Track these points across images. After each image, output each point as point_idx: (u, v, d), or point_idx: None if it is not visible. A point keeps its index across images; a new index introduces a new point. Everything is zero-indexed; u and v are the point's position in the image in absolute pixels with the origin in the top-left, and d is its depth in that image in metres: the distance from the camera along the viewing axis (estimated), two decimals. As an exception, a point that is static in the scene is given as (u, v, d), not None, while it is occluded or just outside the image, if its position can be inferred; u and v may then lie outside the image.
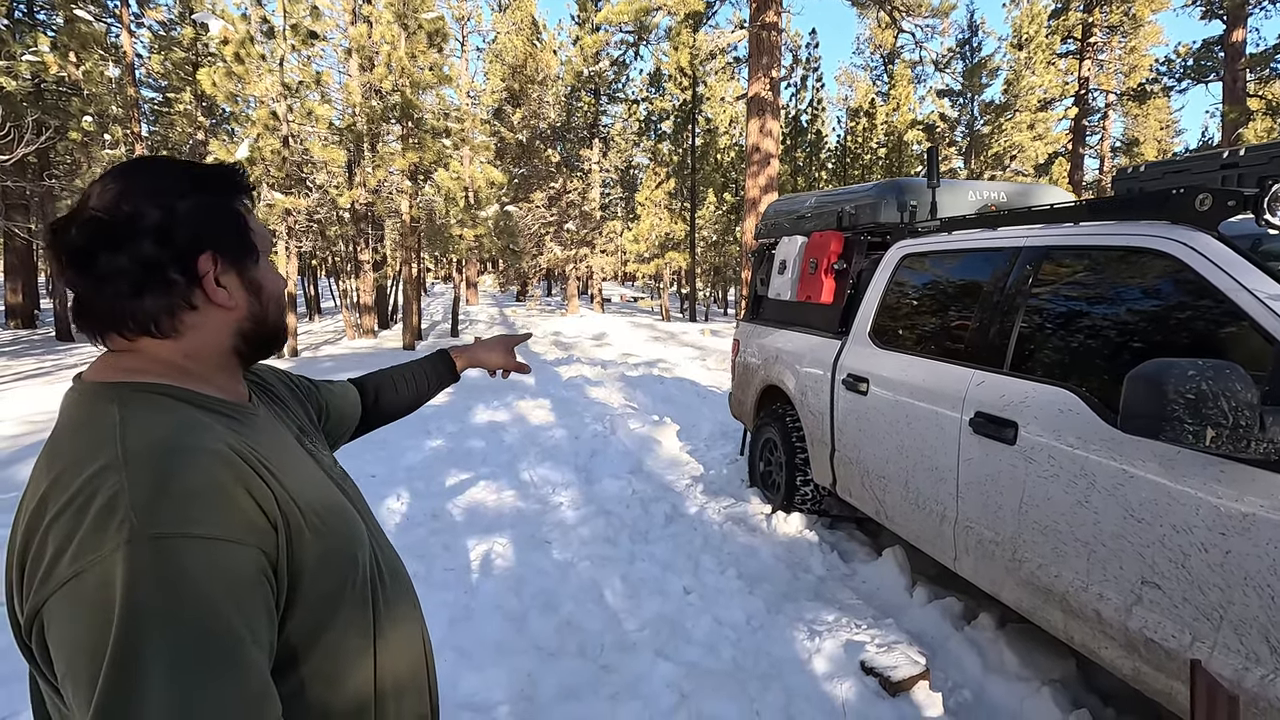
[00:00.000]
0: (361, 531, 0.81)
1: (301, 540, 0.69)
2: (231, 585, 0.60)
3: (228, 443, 0.67)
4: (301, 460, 0.80)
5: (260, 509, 0.65)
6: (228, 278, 0.75)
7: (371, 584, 0.79)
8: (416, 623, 0.88)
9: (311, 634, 0.70)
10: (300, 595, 0.68)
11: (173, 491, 0.60)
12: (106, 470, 0.60)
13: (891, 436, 2.88)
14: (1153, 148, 30.14)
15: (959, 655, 2.57)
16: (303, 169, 13.06)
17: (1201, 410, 1.44)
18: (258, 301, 0.78)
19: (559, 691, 2.31)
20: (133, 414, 0.66)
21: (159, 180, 0.72)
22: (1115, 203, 2.21)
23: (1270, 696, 1.46)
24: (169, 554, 0.57)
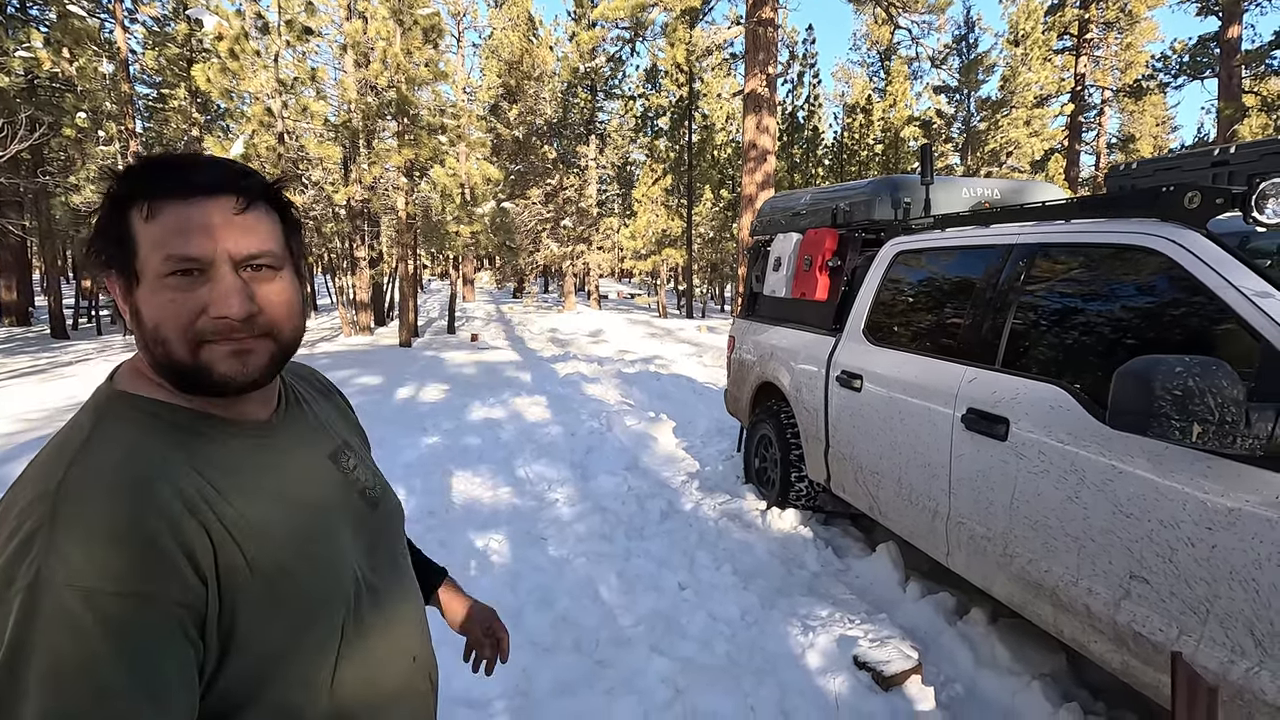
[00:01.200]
0: (340, 576, 0.75)
1: (244, 592, 0.64)
2: (127, 642, 0.56)
3: (179, 483, 0.63)
4: (301, 490, 0.75)
5: (191, 563, 0.60)
6: (137, 295, 0.67)
7: (341, 631, 0.73)
8: (399, 650, 0.82)
9: (249, 687, 0.66)
10: (237, 648, 0.64)
11: (92, 538, 0.57)
12: (41, 499, 0.58)
13: (885, 433, 2.89)
14: (1149, 144, 30.19)
15: (951, 650, 2.59)
16: (298, 165, 13.03)
17: (1188, 406, 1.45)
18: (138, 329, 0.67)
19: (554, 687, 2.33)
20: (101, 433, 0.64)
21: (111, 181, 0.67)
22: (1106, 200, 2.23)
23: (1255, 689, 1.48)
24: (61, 603, 0.54)
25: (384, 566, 0.83)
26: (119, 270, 0.66)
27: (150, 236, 0.65)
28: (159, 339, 0.66)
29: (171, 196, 0.65)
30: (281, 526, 0.69)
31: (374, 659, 0.77)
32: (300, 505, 0.73)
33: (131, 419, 0.67)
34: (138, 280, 0.66)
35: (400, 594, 0.85)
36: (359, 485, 0.84)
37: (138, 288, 0.66)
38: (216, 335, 0.67)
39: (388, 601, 0.81)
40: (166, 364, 0.67)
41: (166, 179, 0.66)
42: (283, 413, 0.80)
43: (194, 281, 0.65)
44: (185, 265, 0.65)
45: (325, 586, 0.72)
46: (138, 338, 0.68)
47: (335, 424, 0.90)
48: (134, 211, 0.65)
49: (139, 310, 0.66)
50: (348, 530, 0.78)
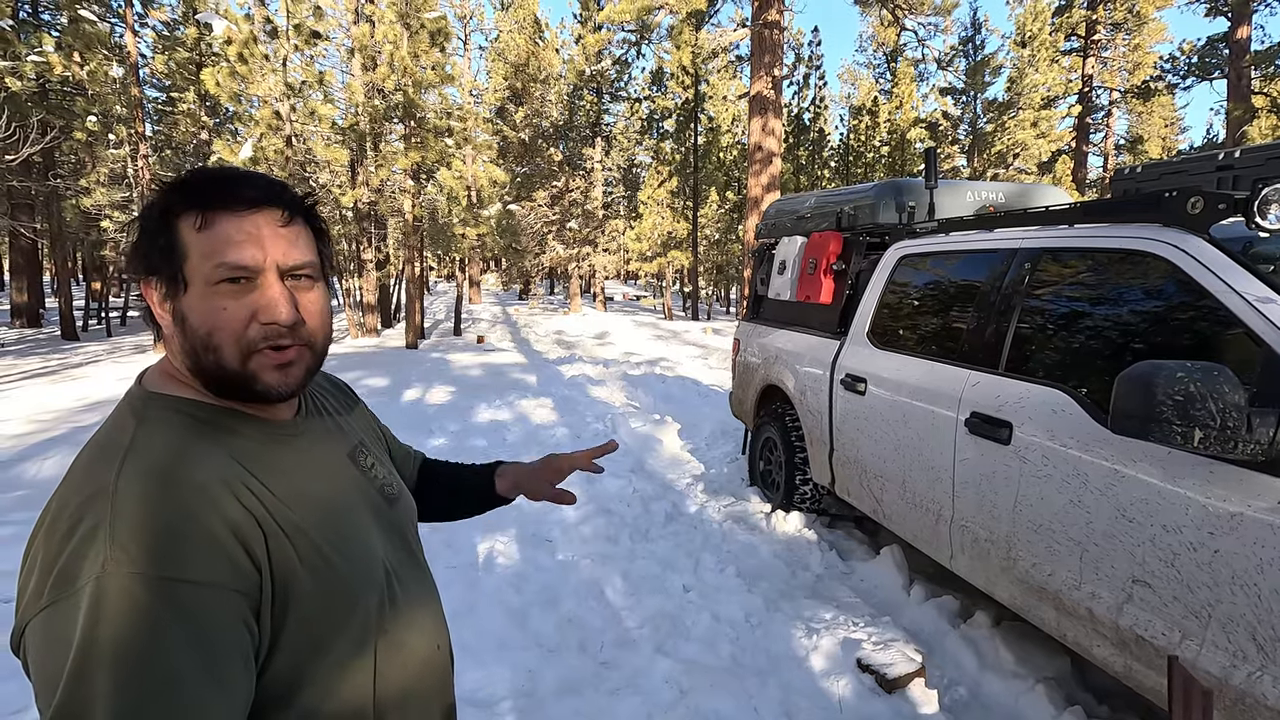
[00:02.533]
0: (373, 571, 0.78)
1: (292, 583, 0.68)
2: (199, 631, 0.59)
3: (225, 476, 0.67)
4: (328, 482, 0.79)
5: (246, 552, 0.64)
6: (170, 303, 0.70)
7: (376, 617, 0.77)
8: (427, 641, 0.86)
9: (299, 668, 0.69)
10: (287, 636, 0.67)
11: (153, 530, 0.60)
12: (97, 497, 0.61)
13: (889, 436, 2.90)
14: (1157, 145, 30.03)
15: (955, 653, 2.60)
16: (305, 168, 13.12)
17: (1190, 411, 1.46)
18: (183, 335, 0.70)
19: (559, 687, 2.34)
20: (144, 434, 0.67)
21: (161, 192, 0.72)
22: (1109, 205, 2.24)
23: (1257, 693, 1.49)
24: (136, 593, 0.57)
25: (406, 560, 0.87)
26: (163, 276, 0.70)
27: (203, 245, 0.68)
28: (211, 346, 0.69)
29: (225, 208, 0.69)
30: (320, 519, 0.73)
31: (407, 648, 0.81)
32: (332, 501, 0.77)
33: (171, 419, 0.70)
34: (185, 287, 0.69)
35: (421, 586, 0.89)
36: (377, 483, 0.87)
37: (184, 294, 0.69)
38: (265, 342, 0.71)
39: (414, 593, 0.86)
40: (215, 370, 0.70)
41: (219, 191, 0.70)
42: (304, 414, 0.83)
43: (243, 290, 0.69)
44: (237, 273, 0.68)
45: (362, 578, 0.76)
46: (180, 343, 0.71)
47: (351, 423, 0.93)
48: (184, 221, 0.69)
49: (186, 316, 0.69)
50: (374, 526, 0.82)
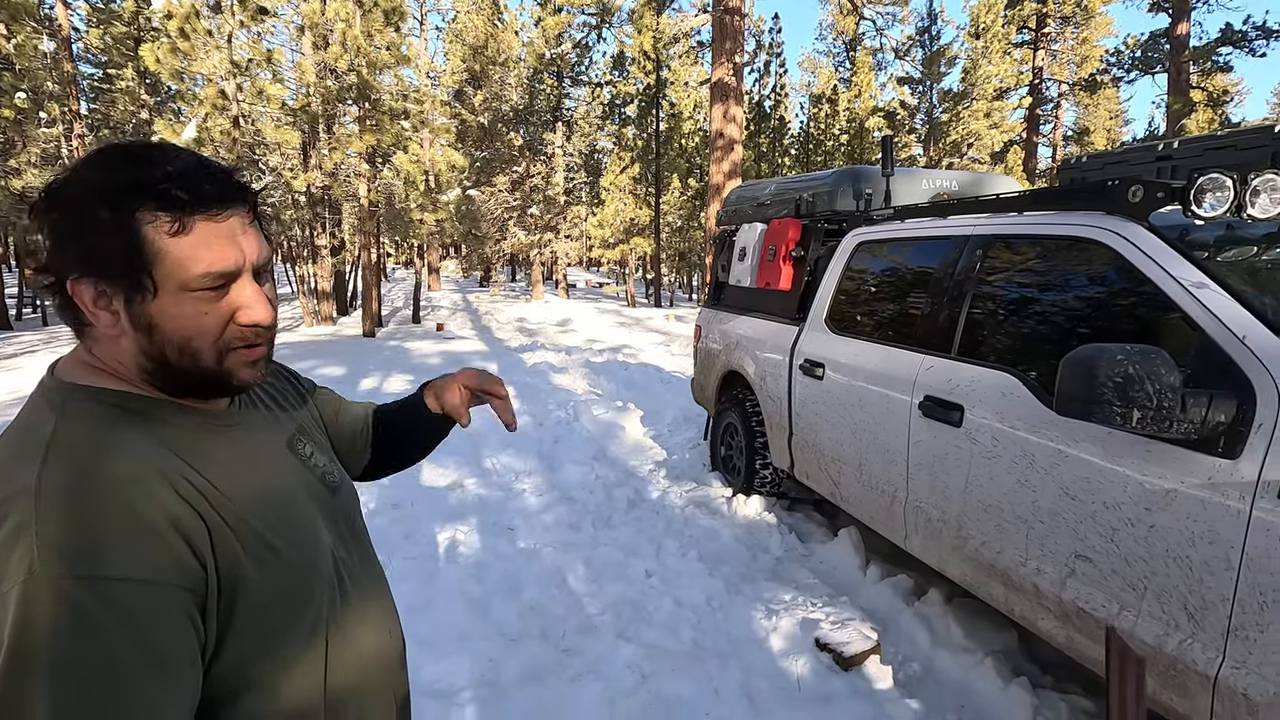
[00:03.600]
0: (321, 560, 0.77)
1: (239, 576, 0.65)
2: (141, 630, 0.57)
3: (161, 469, 0.64)
4: (268, 473, 0.77)
5: (189, 546, 0.61)
6: (118, 303, 0.65)
7: (327, 610, 0.76)
8: (380, 634, 0.85)
9: (248, 666, 0.67)
10: (236, 630, 0.66)
11: (86, 527, 0.57)
12: (19, 496, 0.58)
13: (846, 420, 2.95)
14: (1102, 136, 31.05)
15: (909, 630, 2.67)
16: (255, 150, 12.65)
17: (1128, 393, 1.52)
18: (147, 341, 0.66)
19: (522, 675, 2.34)
20: (66, 428, 0.63)
21: (85, 175, 0.64)
22: (1056, 193, 2.30)
23: (1188, 659, 1.57)
24: (68, 596, 0.54)
25: (353, 548, 0.85)
26: (118, 280, 0.64)
27: (180, 251, 0.64)
28: (189, 350, 0.67)
29: (201, 211, 0.65)
30: (262, 509, 0.70)
31: (358, 638, 0.80)
32: (273, 490, 0.75)
33: (96, 410, 0.66)
34: (152, 292, 0.64)
35: (370, 574, 0.88)
36: (318, 471, 0.85)
37: (151, 299, 0.64)
38: (241, 341, 0.70)
39: (363, 582, 0.84)
40: (189, 371, 0.68)
41: (192, 193, 0.64)
42: (239, 404, 0.80)
43: (220, 293, 0.67)
44: (221, 280, 0.66)
45: (311, 567, 0.74)
46: (140, 346, 0.66)
47: (289, 411, 0.90)
48: (150, 224, 0.63)
49: (155, 322, 0.65)
50: (318, 514, 0.80)
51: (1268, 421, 1.46)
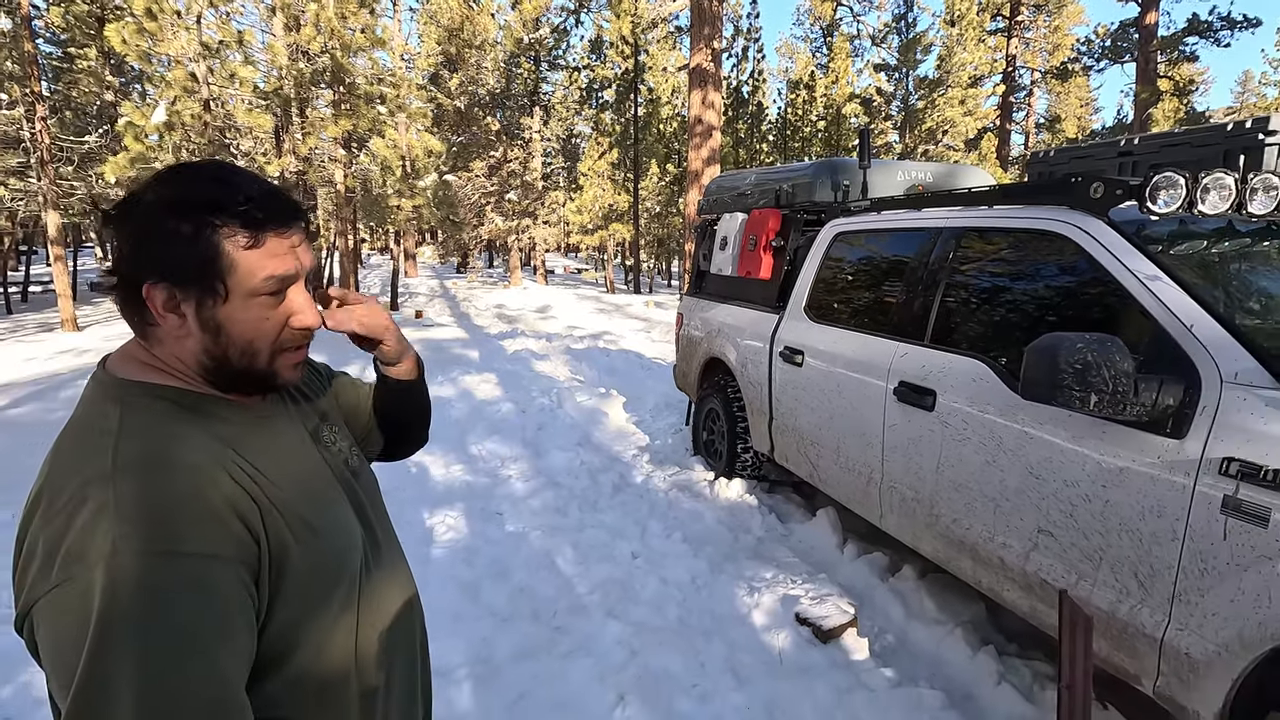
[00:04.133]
0: (352, 537, 0.84)
1: (285, 551, 0.72)
2: (208, 600, 0.63)
3: (217, 458, 0.71)
4: (302, 461, 0.83)
5: (244, 525, 0.68)
6: (187, 307, 0.72)
7: (359, 584, 0.83)
8: (406, 606, 0.93)
9: (293, 633, 0.74)
10: (281, 600, 0.72)
11: (158, 508, 0.64)
12: (96, 481, 0.64)
13: (824, 405, 3.06)
14: (1073, 124, 31.57)
15: (884, 604, 2.81)
16: (226, 135, 12.40)
17: (1087, 378, 1.63)
18: (213, 342, 0.74)
19: (515, 653, 2.42)
20: (130, 421, 0.69)
21: (171, 190, 0.72)
22: (1024, 188, 2.41)
23: (1137, 623, 1.70)
24: (149, 570, 0.61)
25: (376, 526, 0.92)
26: (193, 286, 0.71)
27: (251, 261, 0.72)
28: (250, 351, 0.75)
29: (273, 227, 0.74)
30: (300, 495, 0.78)
31: (383, 606, 0.88)
32: (306, 477, 0.82)
33: (154, 405, 0.72)
34: (224, 297, 0.72)
35: (391, 549, 0.95)
36: (340, 457, 0.92)
37: (223, 304, 0.72)
38: (292, 344, 0.79)
39: (385, 556, 0.92)
40: (244, 370, 0.76)
41: (268, 211, 0.73)
42: (269, 399, 0.86)
43: (278, 299, 0.76)
44: (283, 285, 0.75)
45: (343, 546, 0.82)
46: (204, 346, 0.74)
47: (311, 401, 0.95)
48: (229, 237, 0.71)
49: (223, 325, 0.73)
50: (344, 498, 0.87)
51: (1210, 404, 1.58)
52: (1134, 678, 1.75)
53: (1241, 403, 1.54)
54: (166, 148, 10.80)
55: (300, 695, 0.76)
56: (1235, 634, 1.48)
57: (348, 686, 0.81)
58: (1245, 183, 1.83)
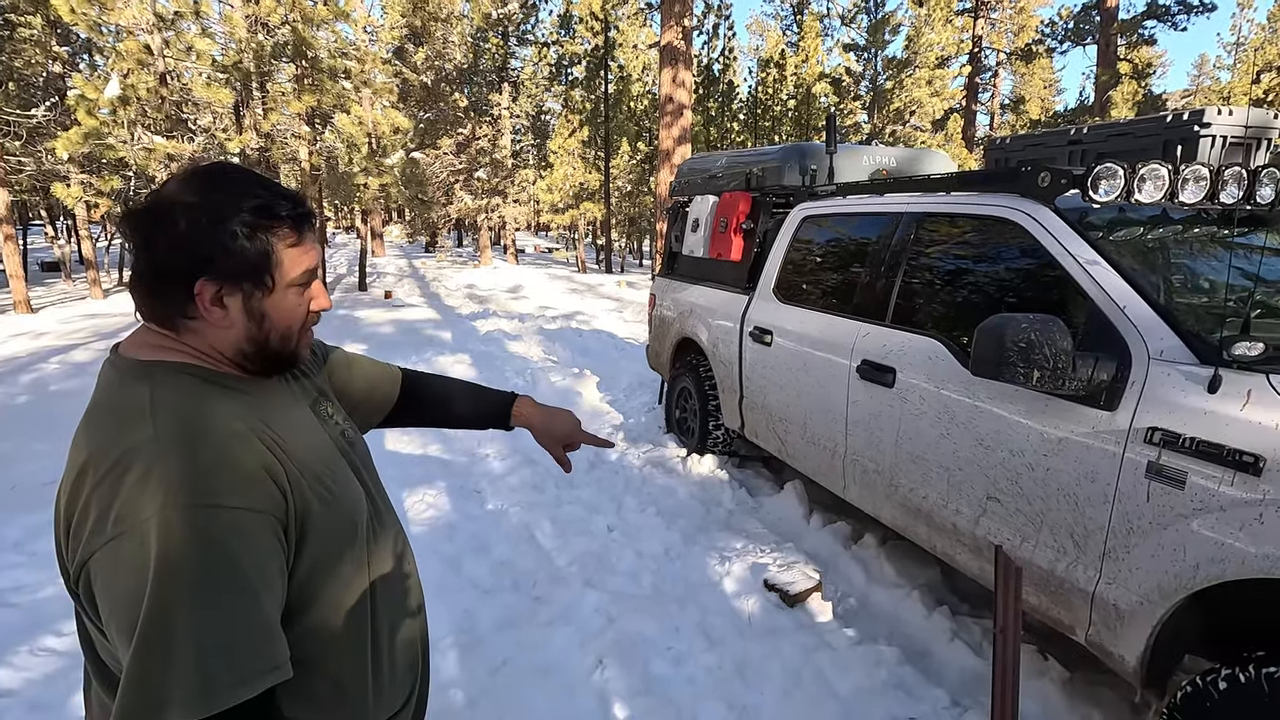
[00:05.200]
0: (360, 498, 0.93)
1: (308, 506, 0.81)
2: (248, 545, 0.72)
3: (245, 422, 0.78)
4: (310, 431, 0.90)
5: (273, 481, 0.76)
6: (232, 300, 0.80)
7: (370, 537, 0.92)
8: (407, 564, 1.03)
9: (315, 582, 0.82)
10: (306, 552, 0.80)
11: (199, 467, 0.71)
12: (141, 446, 0.71)
13: (792, 383, 3.19)
14: (1037, 105, 32.08)
15: (847, 570, 2.97)
16: (183, 109, 12.02)
17: (1030, 356, 1.77)
18: (258, 328, 0.83)
19: (497, 623, 2.53)
20: (161, 394, 0.76)
21: (206, 193, 0.78)
22: (979, 175, 2.54)
23: (1072, 578, 1.86)
24: (196, 520, 0.69)
25: (375, 495, 1.01)
26: (247, 280, 0.80)
27: (293, 257, 0.84)
28: (287, 335, 0.86)
29: (307, 228, 0.86)
30: (316, 459, 0.86)
31: (388, 565, 0.97)
32: (318, 444, 0.90)
33: (183, 381, 0.79)
34: (269, 289, 0.82)
35: (390, 514, 1.04)
36: (338, 429, 1.00)
37: (269, 295, 0.82)
38: (308, 326, 0.90)
39: (386, 520, 1.01)
40: (277, 351, 0.86)
41: (305, 216, 0.85)
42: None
43: (305, 288, 0.87)
44: (310, 277, 0.87)
45: (354, 506, 0.90)
46: (246, 333, 0.82)
47: (309, 378, 1.02)
48: (279, 237, 0.82)
49: (268, 313, 0.83)
50: (346, 464, 0.95)
51: (1139, 379, 1.73)
52: (1069, 628, 1.92)
53: (1165, 378, 1.69)
54: (121, 122, 10.45)
55: (322, 639, 0.85)
56: (1155, 585, 1.64)
57: (363, 633, 0.90)
58: (1178, 173, 1.97)
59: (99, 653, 0.80)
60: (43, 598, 2.68)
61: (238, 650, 0.69)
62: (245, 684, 0.69)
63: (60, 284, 16.39)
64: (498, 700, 2.15)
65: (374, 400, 1.21)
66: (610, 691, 2.19)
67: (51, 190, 11.65)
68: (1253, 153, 2.52)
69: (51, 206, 20.54)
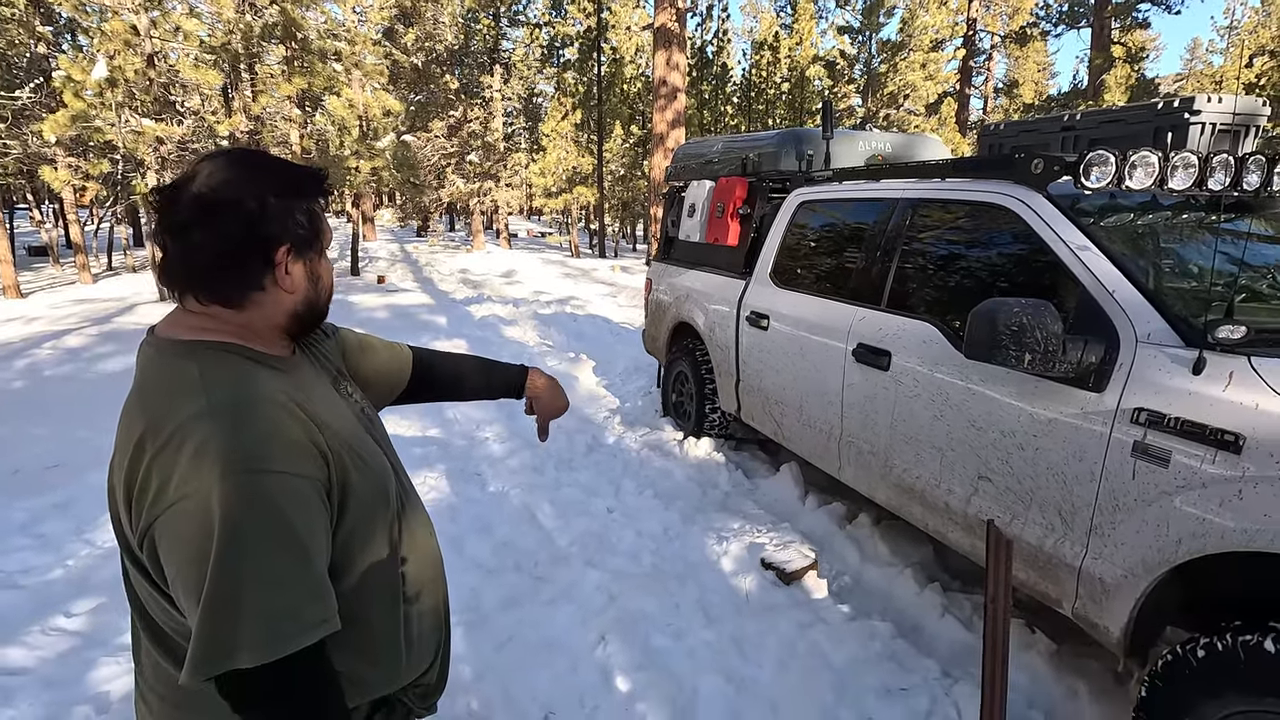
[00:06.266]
0: (387, 468, 0.98)
1: (347, 474, 0.86)
2: (300, 508, 0.78)
3: (287, 393, 0.84)
4: (336, 404, 0.96)
5: (316, 448, 0.82)
6: (295, 266, 0.88)
7: (399, 507, 0.98)
8: (429, 535, 1.09)
9: (354, 545, 0.88)
10: (347, 516, 0.86)
11: (252, 436, 0.77)
12: (196, 418, 0.76)
13: (788, 367, 3.25)
14: (1030, 89, 32.03)
15: (841, 549, 3.04)
16: (171, 91, 11.87)
17: (1022, 339, 1.81)
18: (314, 289, 0.92)
19: (501, 601, 2.59)
20: (208, 370, 0.81)
21: (260, 175, 0.85)
22: (973, 162, 2.58)
23: (1059, 554, 1.93)
24: (253, 485, 0.74)
25: (398, 469, 1.06)
26: (308, 247, 0.90)
27: (325, 224, 0.94)
28: (330, 292, 0.97)
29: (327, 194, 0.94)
30: (348, 430, 0.92)
31: (416, 534, 1.03)
32: (342, 418, 0.94)
33: (226, 358, 0.84)
34: (321, 253, 0.93)
35: (414, 493, 1.10)
36: (358, 406, 1.04)
37: (320, 259, 0.93)
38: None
39: (412, 497, 1.07)
40: (323, 309, 0.96)
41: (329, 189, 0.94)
42: (297, 352, 0.98)
43: None
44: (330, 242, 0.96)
45: (382, 477, 0.96)
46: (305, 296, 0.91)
47: (329, 356, 1.08)
48: (321, 209, 0.92)
49: (320, 275, 0.93)
50: (371, 439, 0.99)
51: (1126, 361, 1.79)
52: (1056, 602, 1.99)
53: (1152, 360, 1.75)
54: (109, 104, 10.32)
55: (361, 597, 0.91)
56: (1139, 559, 1.71)
57: (396, 593, 0.97)
58: (1168, 160, 2.02)
59: (150, 612, 0.85)
60: (51, 579, 2.71)
61: (296, 603, 0.76)
62: (305, 633, 0.75)
63: (49, 269, 16.23)
64: (503, 674, 2.21)
65: (387, 380, 1.25)
66: (612, 666, 2.26)
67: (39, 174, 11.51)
68: (1241, 139, 2.57)
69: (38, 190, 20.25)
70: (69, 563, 2.81)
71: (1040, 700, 2.15)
